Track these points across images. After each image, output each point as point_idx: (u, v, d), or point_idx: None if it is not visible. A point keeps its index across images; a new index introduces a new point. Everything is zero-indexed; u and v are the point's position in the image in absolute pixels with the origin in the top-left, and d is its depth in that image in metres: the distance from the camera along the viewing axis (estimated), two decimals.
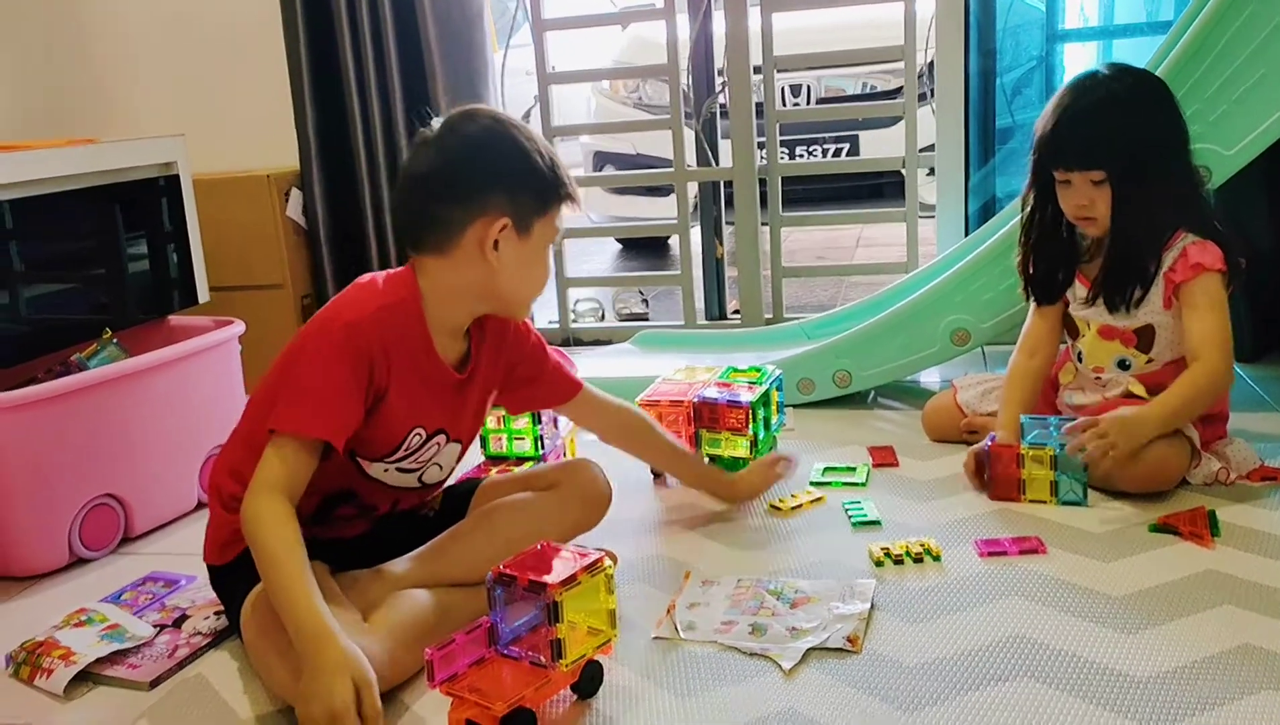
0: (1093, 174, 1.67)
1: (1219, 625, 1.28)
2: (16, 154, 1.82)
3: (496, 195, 1.30)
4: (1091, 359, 1.80)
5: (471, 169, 1.31)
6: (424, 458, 1.41)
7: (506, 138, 1.33)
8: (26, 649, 1.41)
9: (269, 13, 2.63)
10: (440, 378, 1.37)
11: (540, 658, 1.15)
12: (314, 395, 1.26)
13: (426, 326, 1.34)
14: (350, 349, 1.27)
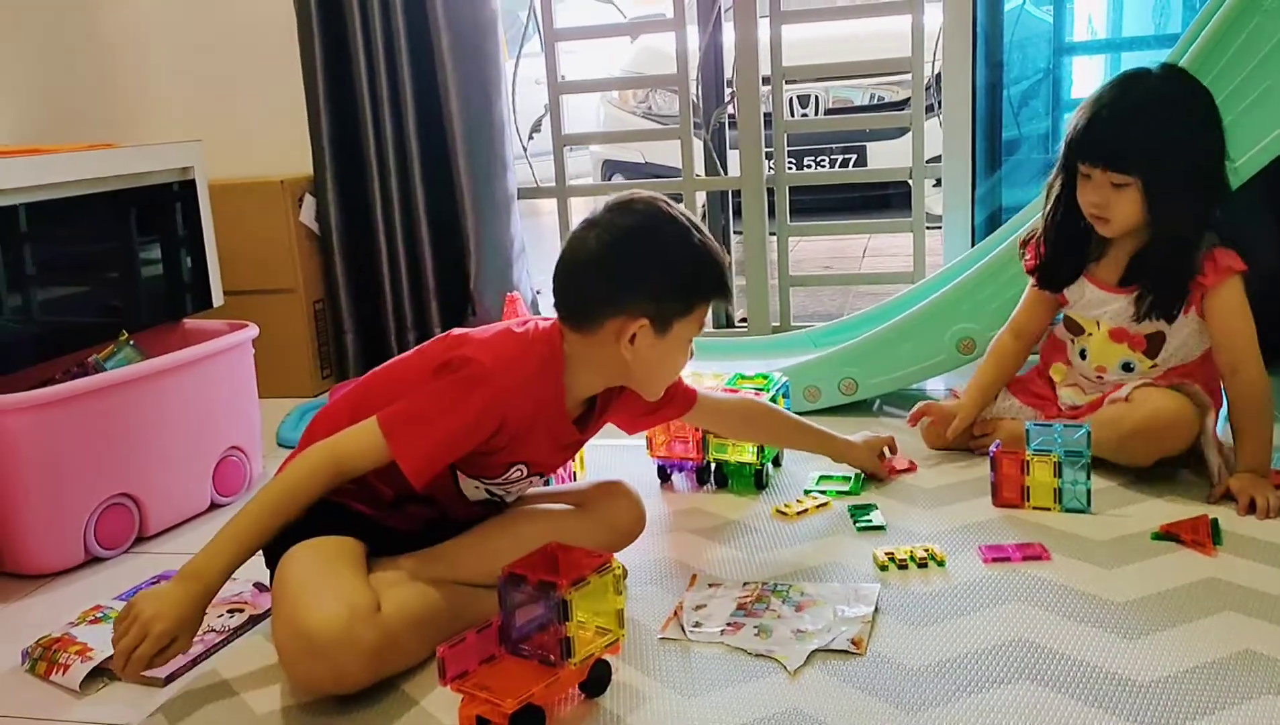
0: (1115, 176, 1.68)
1: (1221, 631, 1.30)
2: (35, 158, 1.85)
3: (639, 296, 1.34)
4: (1096, 358, 1.82)
5: (619, 266, 1.35)
6: (511, 488, 1.48)
7: (661, 236, 1.36)
8: (43, 645, 1.43)
9: (284, 21, 2.66)
10: (564, 432, 1.43)
11: (549, 656, 1.16)
12: (427, 430, 1.31)
13: (563, 391, 1.40)
14: (487, 412, 1.32)
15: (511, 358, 1.35)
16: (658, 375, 1.44)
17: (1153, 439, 1.68)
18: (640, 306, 1.34)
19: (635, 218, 1.37)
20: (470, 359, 1.33)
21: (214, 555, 1.26)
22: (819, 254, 4.55)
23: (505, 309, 1.89)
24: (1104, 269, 1.81)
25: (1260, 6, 1.81)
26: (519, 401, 1.34)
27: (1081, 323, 1.84)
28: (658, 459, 1.89)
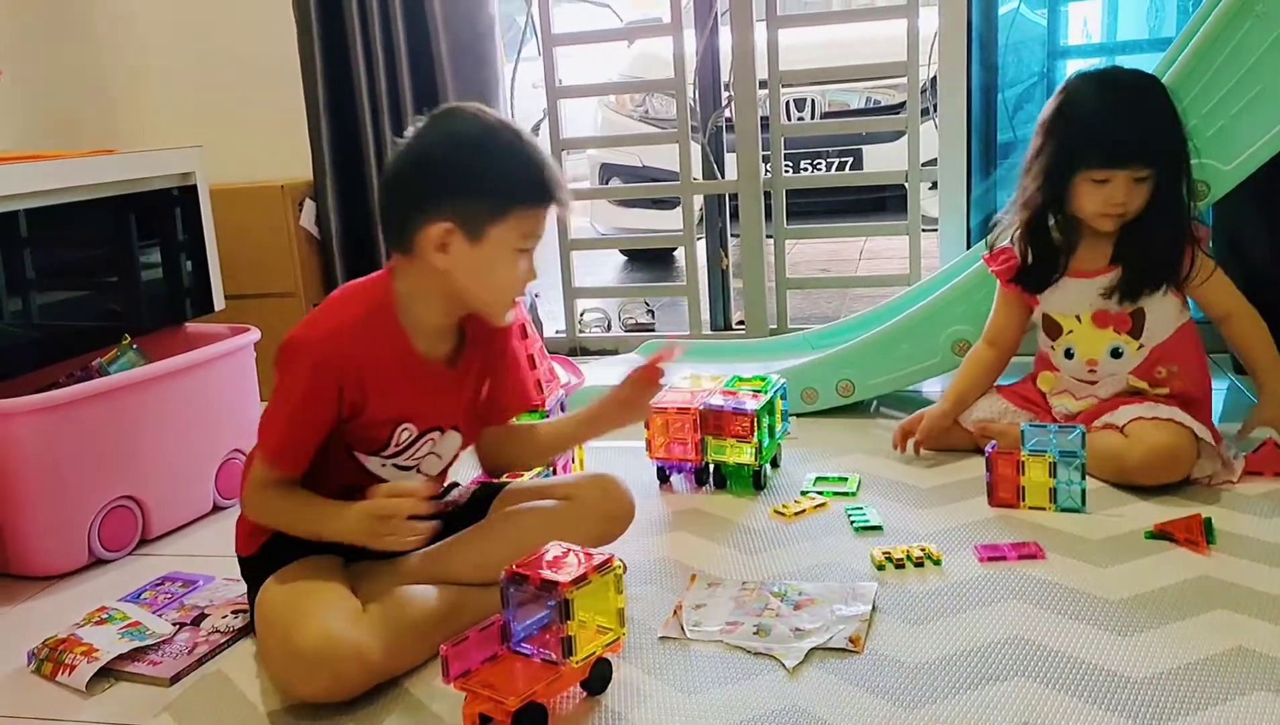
0: (1139, 171, 1.72)
1: (1213, 629, 1.31)
2: (37, 164, 1.87)
3: (441, 198, 1.30)
4: (1085, 351, 1.84)
5: (419, 173, 1.32)
6: (419, 453, 1.44)
7: (462, 141, 1.32)
8: (49, 646, 1.44)
9: (284, 27, 2.68)
10: (427, 374, 1.39)
11: (551, 654, 1.18)
12: (279, 424, 1.34)
13: (402, 329, 1.37)
14: (316, 376, 1.31)
15: (322, 318, 1.35)
16: (486, 289, 1.35)
17: (1152, 474, 1.71)
18: (443, 209, 1.30)
19: (441, 124, 1.35)
20: (286, 341, 1.33)
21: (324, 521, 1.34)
22: (816, 257, 4.57)
23: None
24: (1081, 260, 1.84)
25: (1253, 11, 1.83)
26: (348, 354, 1.31)
27: (1060, 321, 1.86)
28: (656, 460, 1.91)
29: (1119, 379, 1.83)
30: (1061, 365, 1.88)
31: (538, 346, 1.93)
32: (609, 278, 4.57)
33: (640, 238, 4.20)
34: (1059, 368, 1.89)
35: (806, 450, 2.04)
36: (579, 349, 2.95)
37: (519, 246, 1.34)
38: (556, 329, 3.00)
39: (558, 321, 3.01)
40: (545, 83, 2.82)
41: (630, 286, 4.27)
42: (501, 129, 1.34)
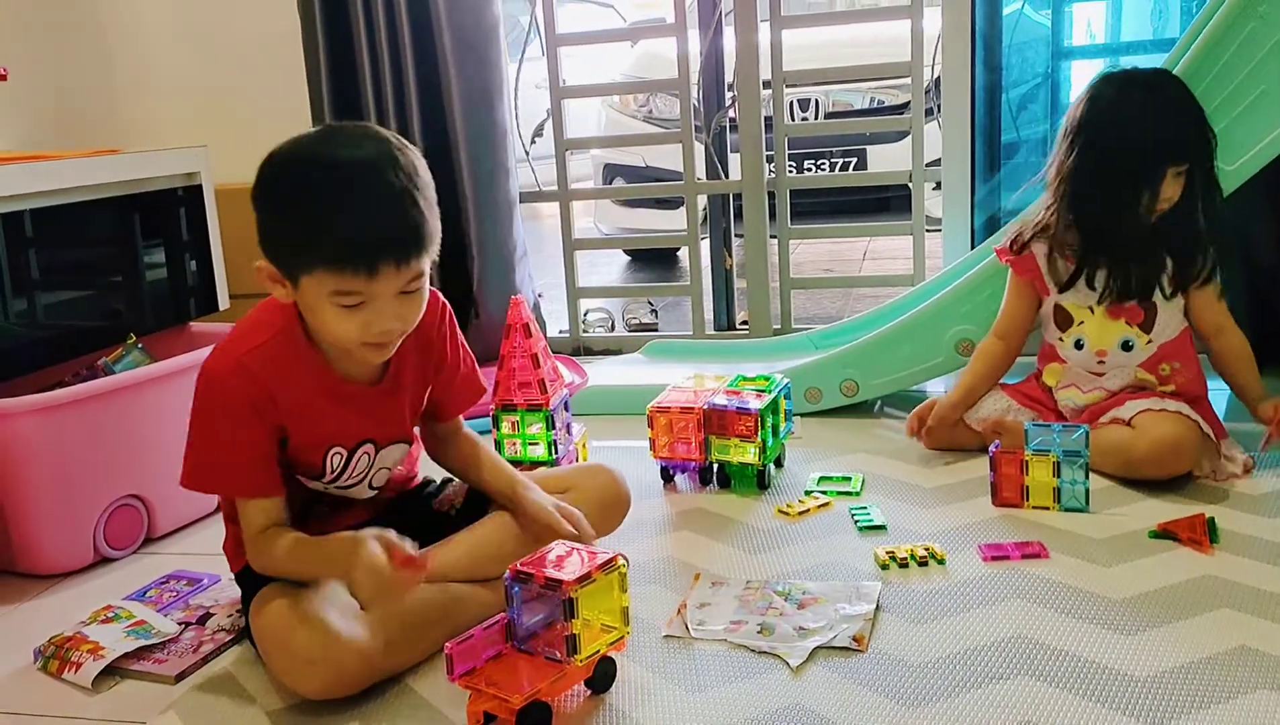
0: (1180, 166, 1.77)
1: (1216, 627, 1.31)
2: (42, 164, 1.87)
3: (261, 236, 1.24)
4: (1097, 342, 1.85)
5: (259, 198, 1.24)
6: (357, 471, 1.40)
7: (293, 172, 1.22)
8: (55, 643, 1.45)
9: (289, 26, 2.69)
10: (350, 396, 1.34)
11: (555, 653, 1.18)
12: (224, 458, 1.30)
13: (314, 352, 1.32)
14: (225, 405, 1.28)
15: (232, 345, 1.30)
16: (326, 332, 1.26)
17: (1159, 466, 1.72)
18: (263, 245, 1.24)
19: (302, 148, 1.23)
20: (200, 372, 1.30)
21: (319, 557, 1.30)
22: (819, 257, 4.57)
23: (510, 312, 1.91)
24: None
25: (1256, 12, 1.84)
26: (259, 384, 1.27)
27: (1073, 311, 1.87)
28: (660, 460, 1.91)
29: (1127, 372, 1.84)
30: (1070, 356, 1.89)
31: (541, 346, 1.93)
32: (612, 278, 4.57)
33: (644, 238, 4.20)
34: (1066, 360, 1.89)
35: (810, 450, 2.04)
36: (582, 349, 2.95)
37: (338, 304, 1.22)
38: (560, 329, 3.01)
39: (561, 321, 3.02)
40: (549, 83, 2.83)
41: (634, 286, 4.27)
42: (349, 166, 1.20)
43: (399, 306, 1.24)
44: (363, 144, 1.23)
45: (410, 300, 1.25)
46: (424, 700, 1.28)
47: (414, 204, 1.21)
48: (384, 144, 1.23)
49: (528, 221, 2.90)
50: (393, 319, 1.24)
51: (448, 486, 1.59)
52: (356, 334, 1.24)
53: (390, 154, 1.22)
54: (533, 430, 1.90)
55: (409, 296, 1.25)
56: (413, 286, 1.24)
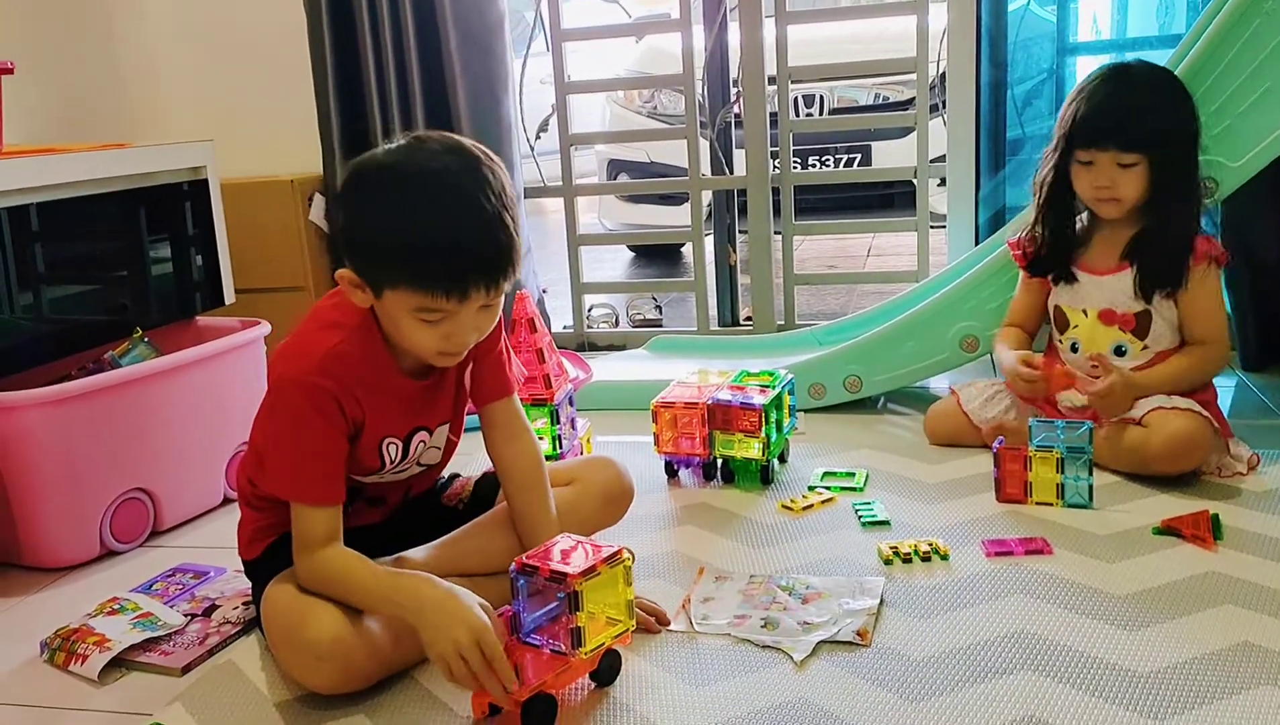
0: (1124, 156, 1.75)
1: (1220, 624, 1.32)
2: (48, 158, 1.87)
3: (345, 243, 1.27)
4: (1089, 346, 1.85)
5: (348, 204, 1.26)
6: (412, 457, 1.41)
7: (390, 189, 1.22)
8: (61, 636, 1.45)
9: (295, 22, 2.69)
10: (406, 391, 1.36)
11: (560, 645, 1.19)
12: (305, 465, 1.29)
13: (385, 346, 1.33)
14: (314, 407, 1.27)
15: (308, 348, 1.30)
16: (402, 339, 1.28)
17: (1173, 461, 1.72)
18: (347, 253, 1.26)
19: (396, 159, 1.24)
20: (278, 380, 1.30)
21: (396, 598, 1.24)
22: (824, 253, 4.57)
23: (514, 307, 1.92)
24: (1094, 256, 1.87)
25: (1261, 9, 1.83)
26: (331, 381, 1.27)
27: (1068, 313, 1.88)
28: (665, 455, 1.91)
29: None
30: (1068, 359, 1.89)
31: (546, 341, 1.94)
32: (617, 273, 4.57)
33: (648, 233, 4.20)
34: (1065, 362, 1.90)
35: (814, 445, 2.04)
36: (587, 344, 2.96)
37: (420, 318, 1.24)
38: (564, 324, 3.01)
39: (565, 316, 3.02)
40: (554, 78, 2.83)
41: (638, 282, 4.27)
42: (442, 185, 1.20)
43: (479, 319, 1.27)
44: (455, 161, 1.23)
45: (490, 312, 1.28)
46: (429, 693, 1.28)
47: (504, 227, 1.22)
48: (475, 161, 1.24)
49: (532, 217, 2.91)
50: (472, 332, 1.27)
51: (455, 481, 1.60)
52: (436, 345, 1.26)
53: (482, 174, 1.23)
54: (538, 425, 1.90)
55: (489, 310, 1.28)
56: (494, 301, 1.27)
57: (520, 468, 1.45)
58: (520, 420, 1.48)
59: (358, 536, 1.38)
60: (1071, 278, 1.88)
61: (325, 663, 1.24)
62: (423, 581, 1.24)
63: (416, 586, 1.24)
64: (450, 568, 1.41)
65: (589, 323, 3.04)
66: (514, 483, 1.45)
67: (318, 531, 1.29)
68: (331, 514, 1.30)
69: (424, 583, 1.24)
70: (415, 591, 1.23)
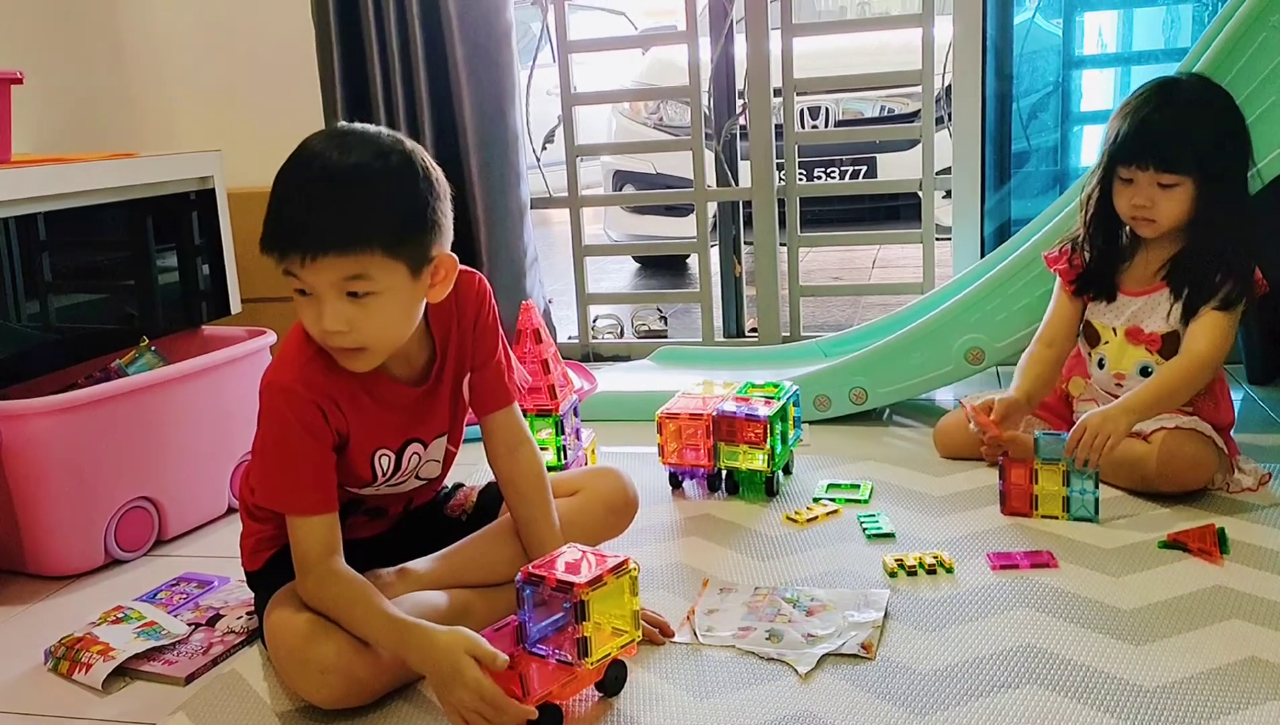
0: (1165, 177, 1.71)
1: (1226, 638, 1.31)
2: (57, 167, 1.88)
3: (448, 227, 1.28)
4: (1115, 364, 1.84)
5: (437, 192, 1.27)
6: (407, 470, 1.40)
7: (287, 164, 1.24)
8: (65, 644, 1.45)
9: (303, 33, 2.70)
10: (396, 397, 1.35)
11: (566, 655, 1.19)
12: (291, 474, 1.28)
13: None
14: (297, 415, 1.27)
15: (289, 357, 1.30)
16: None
17: (1175, 481, 1.71)
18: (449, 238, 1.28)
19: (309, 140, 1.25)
20: (263, 387, 1.30)
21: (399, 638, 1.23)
22: (829, 265, 4.57)
23: (520, 317, 1.92)
24: (1132, 274, 1.84)
25: (1268, 22, 1.83)
26: (309, 390, 1.27)
27: (1099, 330, 1.86)
28: (669, 466, 1.91)
29: None
30: (1093, 373, 1.88)
31: (551, 351, 1.94)
32: (622, 284, 4.58)
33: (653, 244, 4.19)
34: (1090, 375, 1.89)
35: (819, 457, 2.04)
36: (592, 355, 2.96)
37: (295, 291, 1.23)
38: (569, 335, 3.01)
39: (571, 327, 3.02)
40: (560, 89, 2.84)
41: (643, 293, 4.27)
42: (304, 163, 1.22)
43: (348, 310, 1.21)
44: (347, 142, 1.22)
45: (361, 307, 1.21)
46: (433, 705, 1.28)
47: (338, 203, 1.19)
48: (373, 150, 1.22)
49: (538, 227, 2.91)
50: (338, 321, 1.21)
51: (458, 491, 1.59)
52: (313, 327, 1.24)
53: (366, 161, 1.21)
54: (542, 435, 1.90)
55: (359, 302, 1.21)
56: (357, 288, 1.20)
57: (522, 478, 1.44)
58: (522, 430, 1.47)
59: (360, 548, 1.38)
60: (1113, 295, 1.84)
61: (329, 677, 1.24)
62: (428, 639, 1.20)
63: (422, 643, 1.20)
64: (453, 579, 1.41)
65: (594, 333, 3.04)
66: (516, 493, 1.45)
67: (314, 546, 1.28)
68: (325, 524, 1.29)
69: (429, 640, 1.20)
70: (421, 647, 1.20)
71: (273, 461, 1.30)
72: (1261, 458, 1.82)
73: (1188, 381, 1.72)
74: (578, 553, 1.24)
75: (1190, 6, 2.69)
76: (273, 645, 1.31)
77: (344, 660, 1.24)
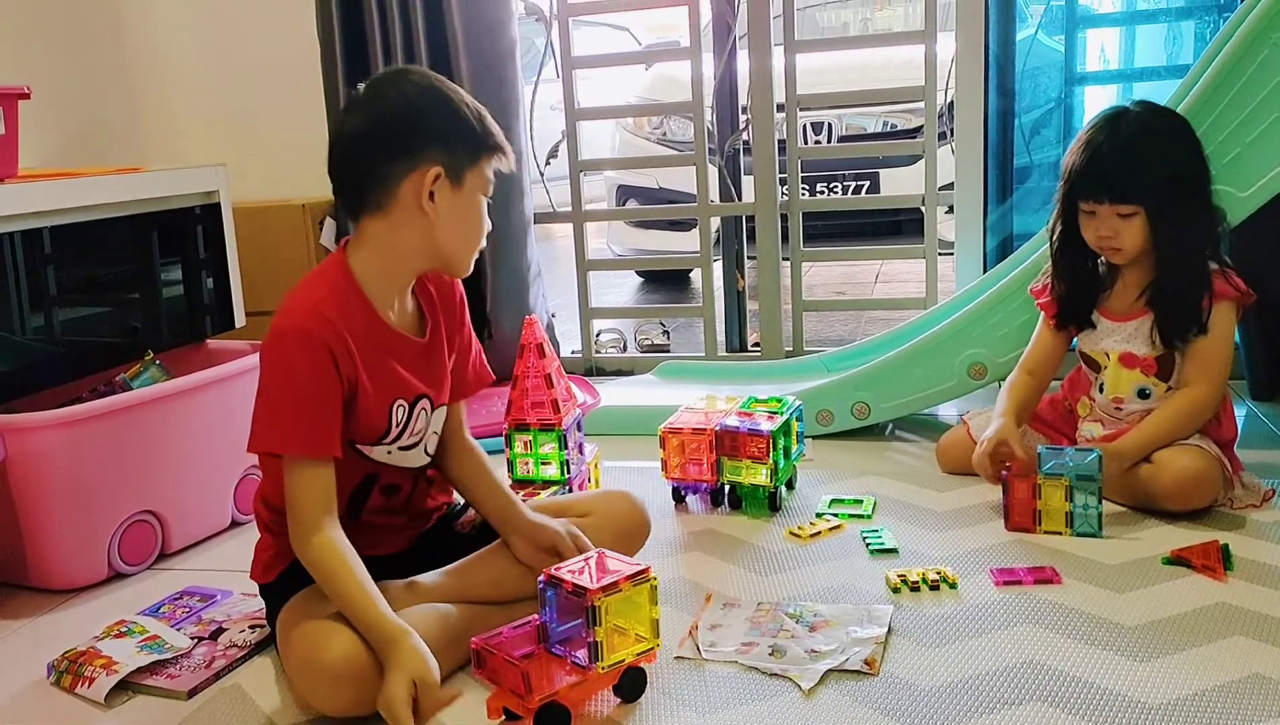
0: (1121, 208, 1.73)
1: (1230, 655, 1.31)
2: (62, 181, 1.89)
3: (429, 147, 1.32)
4: (1113, 389, 1.84)
5: (404, 123, 1.33)
6: (417, 428, 1.43)
7: (434, 93, 1.35)
8: (69, 658, 1.45)
9: (308, 48, 2.71)
10: (402, 348, 1.40)
11: (580, 658, 1.21)
12: (294, 412, 1.29)
13: (369, 303, 1.36)
14: (307, 354, 1.29)
15: (295, 304, 1.33)
16: (461, 237, 1.38)
17: (1181, 500, 1.70)
18: (432, 155, 1.32)
19: (406, 81, 1.37)
20: (271, 331, 1.32)
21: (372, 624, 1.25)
22: (832, 279, 4.58)
23: (524, 332, 1.92)
24: (1114, 300, 1.85)
25: (1270, 39, 1.84)
26: (333, 328, 1.31)
27: (1095, 357, 1.87)
28: (672, 481, 1.91)
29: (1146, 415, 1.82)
30: (1095, 397, 1.89)
31: (555, 366, 1.94)
32: (625, 298, 4.58)
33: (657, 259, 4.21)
34: (1094, 398, 1.89)
35: (822, 472, 2.04)
36: (595, 369, 2.96)
37: (485, 192, 1.38)
38: (573, 349, 3.02)
39: (574, 341, 3.03)
40: (564, 104, 2.85)
41: (646, 307, 4.28)
42: (452, 86, 1.38)
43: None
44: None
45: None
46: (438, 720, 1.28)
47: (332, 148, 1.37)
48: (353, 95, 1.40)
49: (541, 242, 2.92)
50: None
51: (469, 508, 1.60)
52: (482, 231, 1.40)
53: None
54: (545, 450, 1.90)
55: None
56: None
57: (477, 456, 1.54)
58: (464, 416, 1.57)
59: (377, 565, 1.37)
60: (1093, 324, 1.86)
61: (342, 684, 1.24)
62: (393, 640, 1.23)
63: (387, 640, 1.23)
64: (460, 595, 1.42)
65: (597, 348, 3.05)
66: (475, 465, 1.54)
67: (310, 501, 1.29)
68: (323, 478, 1.30)
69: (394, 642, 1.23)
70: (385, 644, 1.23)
71: (274, 400, 1.31)
72: (1265, 474, 1.82)
73: (1185, 425, 1.75)
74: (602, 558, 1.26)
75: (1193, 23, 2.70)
76: (286, 655, 1.32)
77: (355, 667, 1.24)
